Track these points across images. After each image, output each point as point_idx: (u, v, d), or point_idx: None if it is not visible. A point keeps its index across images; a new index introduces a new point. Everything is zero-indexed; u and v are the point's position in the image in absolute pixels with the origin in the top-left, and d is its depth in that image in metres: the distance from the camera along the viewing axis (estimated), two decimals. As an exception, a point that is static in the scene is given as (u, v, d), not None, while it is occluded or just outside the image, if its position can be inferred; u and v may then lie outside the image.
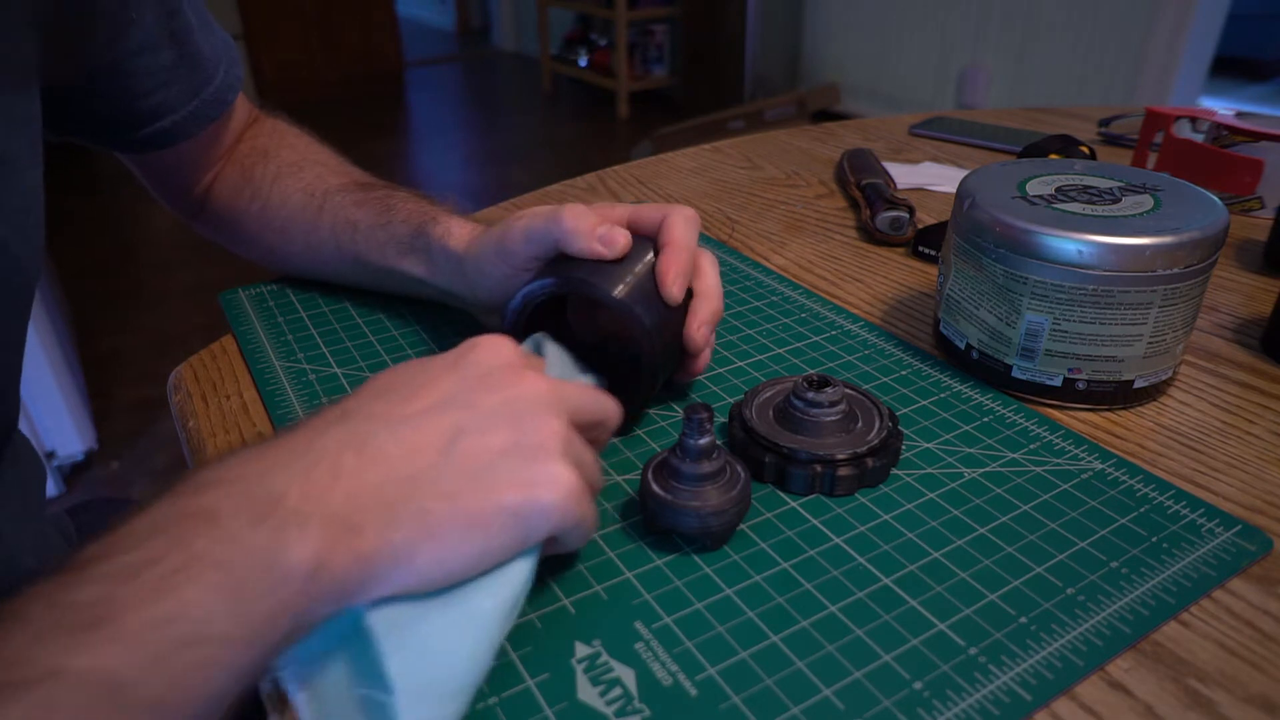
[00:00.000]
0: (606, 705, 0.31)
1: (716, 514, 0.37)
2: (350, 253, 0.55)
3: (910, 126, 1.02)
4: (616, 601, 0.35)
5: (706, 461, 0.37)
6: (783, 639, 0.33)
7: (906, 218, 0.69)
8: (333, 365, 0.52)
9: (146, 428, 1.79)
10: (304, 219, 0.56)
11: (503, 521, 0.30)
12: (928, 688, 0.31)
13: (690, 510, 0.36)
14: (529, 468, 0.30)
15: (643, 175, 0.87)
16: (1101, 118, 1.02)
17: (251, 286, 0.61)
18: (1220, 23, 2.72)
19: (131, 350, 2.10)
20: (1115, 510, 0.40)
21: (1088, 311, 0.45)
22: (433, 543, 0.29)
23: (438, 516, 0.29)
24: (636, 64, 4.17)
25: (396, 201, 0.54)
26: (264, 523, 0.26)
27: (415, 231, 0.51)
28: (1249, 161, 0.72)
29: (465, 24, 6.12)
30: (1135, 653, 0.33)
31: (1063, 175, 0.51)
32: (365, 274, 0.56)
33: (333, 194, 0.56)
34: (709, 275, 0.47)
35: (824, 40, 3.73)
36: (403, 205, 0.53)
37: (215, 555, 0.25)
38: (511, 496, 0.30)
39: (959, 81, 3.25)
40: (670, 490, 0.37)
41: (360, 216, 0.54)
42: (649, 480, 0.38)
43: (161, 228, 2.83)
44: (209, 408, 0.49)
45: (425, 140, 3.93)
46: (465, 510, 0.29)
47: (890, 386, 0.50)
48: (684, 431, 0.37)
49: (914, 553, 0.38)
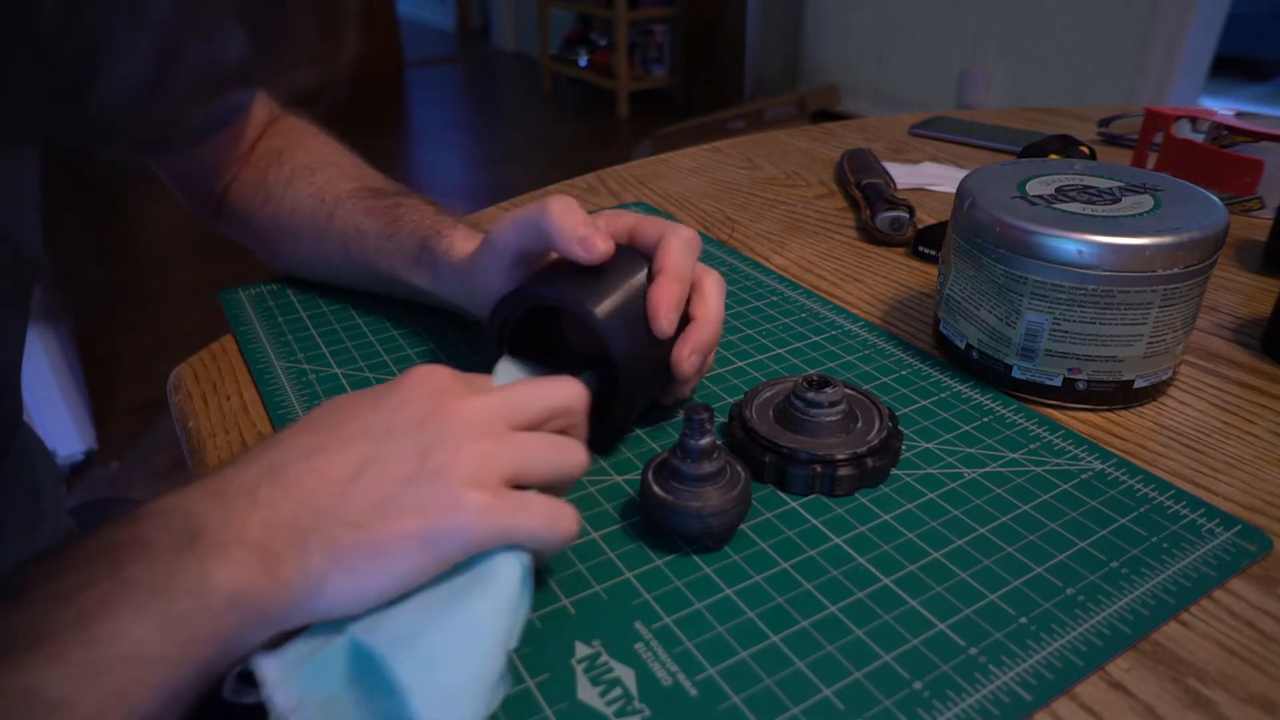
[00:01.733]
0: (606, 705, 0.31)
1: (717, 514, 0.37)
2: (361, 261, 0.55)
3: (910, 126, 1.02)
4: (616, 601, 0.35)
5: (707, 462, 0.37)
6: (783, 639, 0.33)
7: (906, 218, 0.69)
8: (333, 365, 0.52)
9: (146, 428, 1.79)
10: (315, 226, 0.56)
11: (407, 548, 0.30)
12: (928, 688, 0.31)
13: (691, 511, 0.36)
14: (429, 495, 0.31)
15: (643, 175, 0.87)
16: (1101, 118, 1.02)
17: (251, 286, 0.61)
18: (1220, 23, 2.72)
19: (131, 350, 2.10)
20: (1115, 510, 0.40)
21: (1088, 311, 0.45)
22: (342, 572, 0.29)
23: (345, 546, 0.29)
24: (636, 64, 4.17)
25: (404, 211, 0.53)
26: (190, 550, 0.28)
27: (420, 245, 0.51)
28: (1249, 161, 0.72)
29: (465, 24, 6.12)
30: (1135, 653, 0.33)
31: (1063, 175, 0.51)
32: (377, 282, 0.56)
33: (343, 200, 0.56)
34: (711, 301, 0.44)
35: (824, 40, 3.73)
36: (409, 216, 0.53)
37: (146, 581, 0.27)
38: (411, 524, 0.30)
39: (959, 81, 3.25)
40: (670, 491, 0.37)
41: (369, 226, 0.54)
42: (649, 481, 0.38)
43: (162, 227, 2.83)
44: (209, 408, 0.49)
45: (425, 140, 3.93)
46: (370, 539, 0.30)
47: (890, 386, 0.50)
48: (684, 432, 0.37)
49: (914, 553, 0.38)
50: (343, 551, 0.29)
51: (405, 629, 0.29)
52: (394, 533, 0.30)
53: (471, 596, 0.30)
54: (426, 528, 0.30)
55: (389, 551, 0.30)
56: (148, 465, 1.69)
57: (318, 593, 0.29)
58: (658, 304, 0.41)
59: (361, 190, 0.56)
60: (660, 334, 0.41)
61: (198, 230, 0.99)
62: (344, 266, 0.56)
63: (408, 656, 0.29)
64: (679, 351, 0.43)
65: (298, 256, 0.59)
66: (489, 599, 0.30)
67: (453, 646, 0.29)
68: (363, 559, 0.30)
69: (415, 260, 0.51)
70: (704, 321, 0.44)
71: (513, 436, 0.33)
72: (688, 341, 0.43)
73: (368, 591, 0.30)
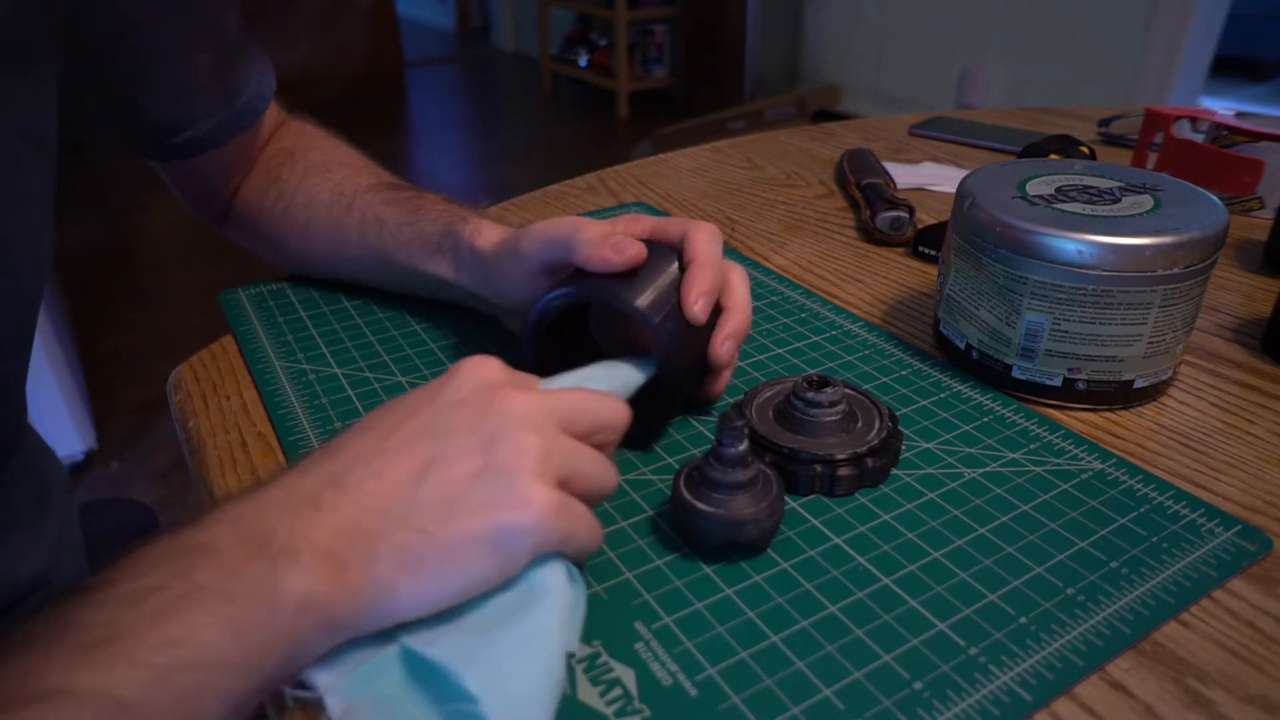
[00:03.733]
0: (606, 705, 0.31)
1: (754, 522, 0.36)
2: (375, 251, 0.54)
3: (910, 126, 1.02)
4: (616, 601, 0.35)
5: (741, 469, 0.36)
6: (783, 639, 0.33)
7: (906, 218, 0.69)
8: (333, 365, 0.52)
9: (146, 428, 1.79)
10: (330, 217, 0.56)
11: (475, 551, 0.30)
12: (928, 688, 0.31)
13: (727, 519, 0.36)
14: (497, 492, 0.30)
15: (643, 175, 0.87)
16: (1101, 118, 1.02)
17: (251, 286, 0.61)
18: (1220, 23, 2.72)
19: (131, 350, 2.10)
20: (1115, 510, 0.40)
21: (1088, 311, 0.45)
22: (410, 577, 0.29)
23: (412, 550, 0.29)
24: (636, 64, 4.17)
25: (426, 203, 0.54)
26: (259, 557, 0.28)
27: (444, 231, 0.51)
28: (1249, 161, 0.72)
29: (465, 24, 6.12)
30: (1135, 653, 0.33)
31: (1063, 175, 0.51)
32: (389, 274, 0.56)
33: (363, 193, 0.56)
34: (738, 290, 0.45)
35: (824, 40, 3.73)
36: (432, 206, 0.53)
37: (216, 585, 0.27)
38: (480, 524, 0.30)
39: (959, 81, 3.25)
40: (704, 499, 0.36)
41: (389, 214, 0.54)
42: (682, 490, 0.37)
43: (162, 227, 2.83)
44: (209, 408, 0.49)
45: (425, 140, 3.93)
46: (437, 543, 0.29)
47: (890, 386, 0.50)
48: (718, 439, 0.36)
49: (914, 553, 0.38)
50: (411, 557, 0.29)
51: (468, 644, 0.29)
52: (462, 536, 0.30)
53: (530, 606, 0.30)
54: (496, 528, 0.30)
55: (456, 555, 0.30)
56: (148, 465, 1.69)
57: (386, 598, 0.29)
58: (689, 289, 0.42)
59: (380, 185, 0.57)
60: (693, 320, 0.42)
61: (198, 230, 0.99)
62: (357, 257, 0.56)
63: (471, 667, 0.29)
64: (715, 338, 0.43)
65: (307, 252, 0.59)
66: (549, 605, 0.30)
67: (519, 655, 0.29)
68: (431, 564, 0.29)
69: (437, 247, 0.51)
70: (736, 309, 0.45)
71: (568, 440, 0.33)
72: (723, 329, 0.44)
73: (438, 597, 0.30)
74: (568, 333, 0.44)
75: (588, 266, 0.41)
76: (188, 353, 0.54)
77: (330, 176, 0.58)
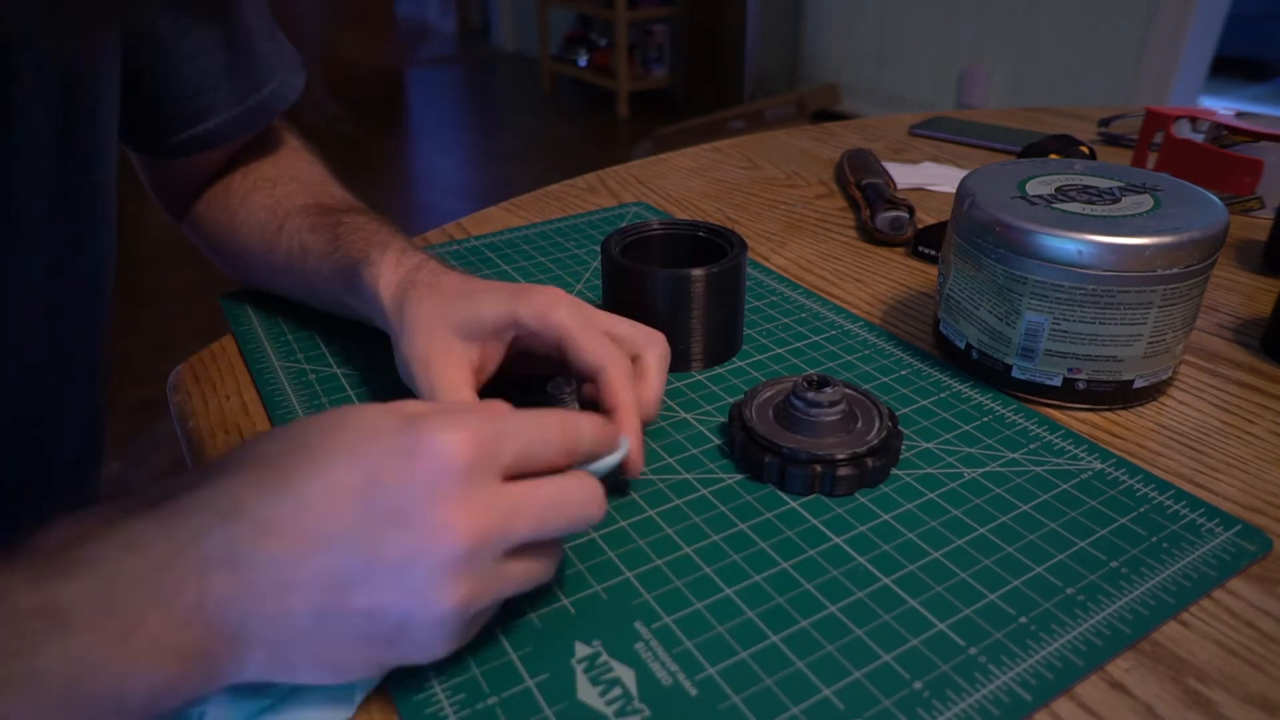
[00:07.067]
0: (606, 705, 0.31)
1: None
2: (302, 280, 0.52)
3: (910, 126, 1.02)
4: (616, 601, 0.35)
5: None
6: (783, 639, 0.33)
7: (906, 218, 0.69)
8: (332, 365, 0.52)
9: (146, 428, 1.79)
10: (263, 239, 0.54)
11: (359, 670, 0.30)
12: (928, 688, 0.31)
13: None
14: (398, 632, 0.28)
15: (643, 175, 0.87)
16: (1101, 118, 1.02)
17: (252, 287, 0.61)
18: (1220, 23, 2.72)
19: (131, 350, 2.10)
20: (1115, 510, 0.40)
21: (1087, 311, 0.45)
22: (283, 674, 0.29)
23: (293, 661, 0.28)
24: (636, 64, 4.17)
25: (344, 231, 0.50)
26: (120, 644, 0.25)
27: (352, 269, 0.47)
28: (1249, 161, 0.72)
29: (465, 24, 6.11)
30: (1135, 653, 0.33)
31: (1063, 175, 0.51)
32: (320, 302, 0.53)
33: (294, 215, 0.53)
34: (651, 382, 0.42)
35: (824, 40, 3.74)
36: (348, 236, 0.49)
37: (59, 675, 0.24)
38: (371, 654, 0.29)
39: (959, 81, 3.25)
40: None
41: (312, 243, 0.51)
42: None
43: (160, 227, 2.82)
44: (209, 408, 0.49)
45: (425, 140, 3.92)
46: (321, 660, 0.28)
47: (890, 386, 0.50)
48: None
49: (914, 553, 0.38)
50: (289, 664, 0.28)
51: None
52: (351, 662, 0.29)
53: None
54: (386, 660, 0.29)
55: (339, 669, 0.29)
56: (148, 465, 1.69)
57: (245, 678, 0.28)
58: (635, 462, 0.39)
59: (312, 206, 0.54)
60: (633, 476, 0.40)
61: (198, 230, 0.98)
62: (288, 284, 0.54)
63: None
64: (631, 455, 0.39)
65: (248, 269, 0.57)
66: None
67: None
68: (309, 672, 0.29)
69: (349, 284, 0.48)
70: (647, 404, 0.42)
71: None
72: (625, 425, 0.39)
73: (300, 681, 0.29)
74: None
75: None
76: (188, 353, 0.54)
77: (273, 194, 0.55)
